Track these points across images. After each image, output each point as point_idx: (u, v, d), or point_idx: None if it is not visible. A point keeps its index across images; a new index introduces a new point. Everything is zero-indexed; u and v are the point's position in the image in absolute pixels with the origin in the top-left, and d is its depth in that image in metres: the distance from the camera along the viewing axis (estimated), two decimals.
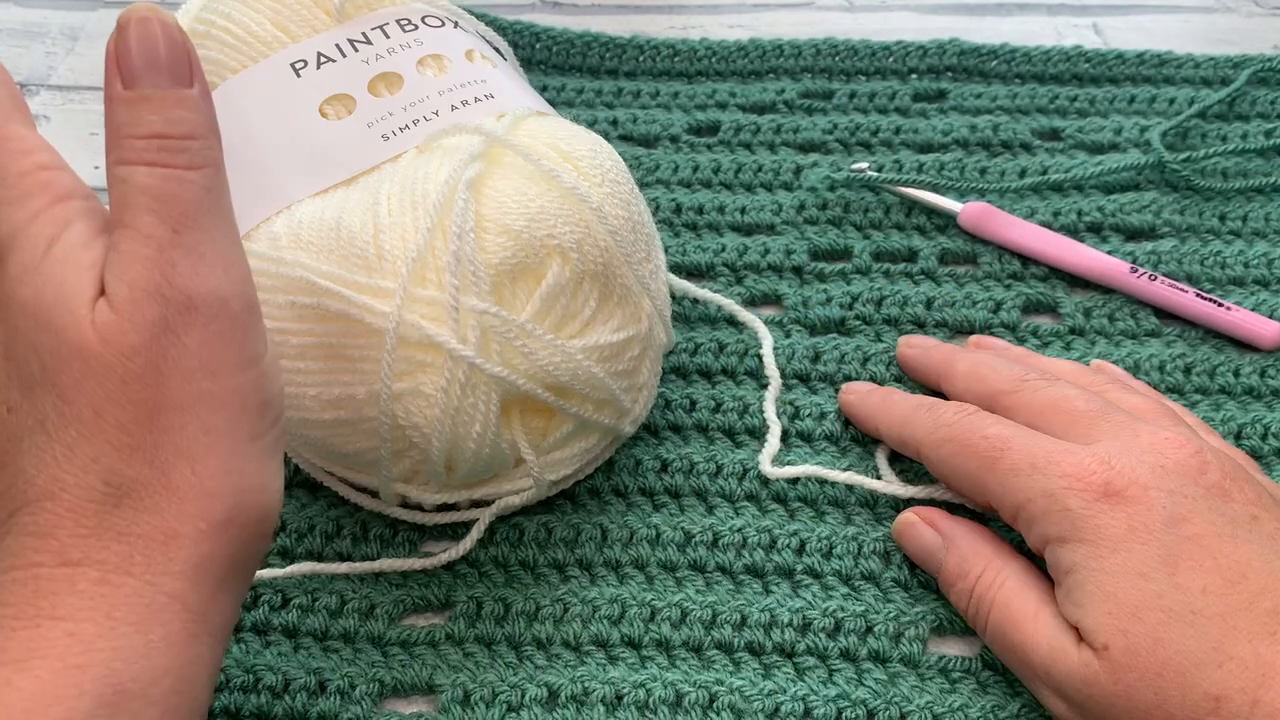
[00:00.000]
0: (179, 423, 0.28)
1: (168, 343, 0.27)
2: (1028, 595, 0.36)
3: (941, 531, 0.39)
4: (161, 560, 0.27)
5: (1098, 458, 0.35)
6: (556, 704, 0.37)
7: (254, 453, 0.29)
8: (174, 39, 0.29)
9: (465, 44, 0.42)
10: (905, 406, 0.41)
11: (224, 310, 0.28)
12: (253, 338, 0.29)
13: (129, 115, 0.28)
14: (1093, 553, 0.34)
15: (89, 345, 0.27)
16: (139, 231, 0.28)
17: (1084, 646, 0.33)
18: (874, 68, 0.58)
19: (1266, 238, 0.50)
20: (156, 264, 0.27)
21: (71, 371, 0.27)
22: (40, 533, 0.27)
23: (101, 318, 0.27)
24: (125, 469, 0.27)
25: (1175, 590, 0.33)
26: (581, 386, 0.37)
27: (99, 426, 0.27)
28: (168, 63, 0.28)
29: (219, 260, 0.29)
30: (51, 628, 0.26)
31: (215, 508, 0.28)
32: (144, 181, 0.28)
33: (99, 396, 0.27)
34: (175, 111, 0.28)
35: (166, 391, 0.27)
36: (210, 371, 0.28)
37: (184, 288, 0.28)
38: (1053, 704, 0.35)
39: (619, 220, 0.38)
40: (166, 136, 0.28)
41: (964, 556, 0.38)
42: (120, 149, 0.28)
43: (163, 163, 0.28)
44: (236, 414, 0.29)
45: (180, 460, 0.28)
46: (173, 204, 0.28)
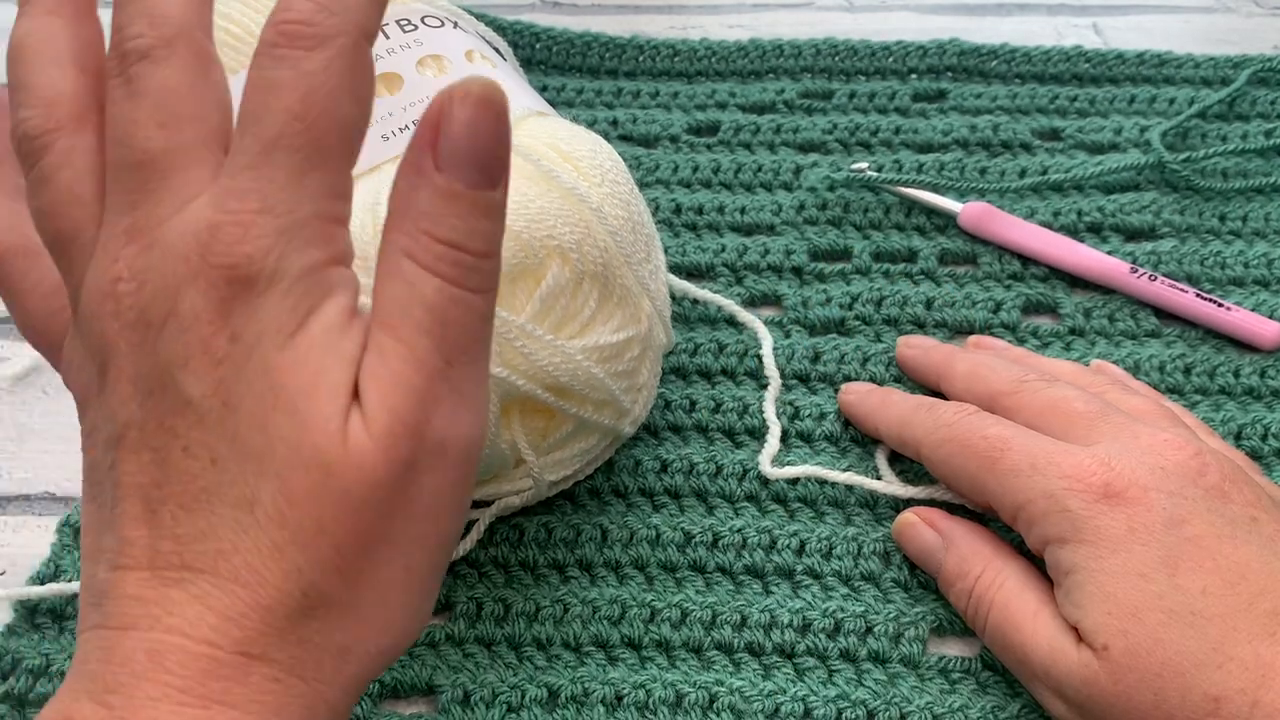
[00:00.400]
0: (388, 557, 0.26)
1: (409, 483, 0.26)
2: (1027, 596, 0.36)
3: (941, 531, 0.39)
4: (332, 672, 0.26)
5: (1097, 459, 0.35)
6: (556, 704, 0.37)
7: (431, 590, 0.28)
8: (502, 134, 0.26)
9: (465, 44, 0.42)
10: (905, 407, 0.41)
11: (467, 458, 0.27)
12: (470, 481, 0.28)
13: (432, 206, 0.26)
14: (1092, 553, 0.34)
15: (336, 463, 0.25)
16: (413, 354, 0.26)
17: (1084, 647, 0.33)
18: (874, 68, 0.58)
19: (1266, 238, 0.50)
20: (424, 399, 0.26)
21: (307, 479, 0.25)
22: (226, 615, 0.25)
23: (355, 438, 0.25)
24: (325, 586, 0.26)
25: (1175, 591, 0.33)
26: (581, 387, 0.37)
27: (318, 543, 0.25)
28: (489, 156, 0.26)
29: (476, 402, 0.27)
30: (220, 713, 0.25)
31: (388, 635, 0.27)
32: (433, 298, 0.26)
33: (327, 515, 0.25)
34: (480, 223, 0.26)
35: (390, 528, 0.26)
36: (434, 516, 0.27)
37: (441, 431, 0.26)
38: (1052, 704, 0.35)
39: (619, 220, 0.38)
40: (464, 250, 0.26)
41: (963, 556, 0.38)
42: (413, 242, 0.26)
43: (455, 280, 0.26)
44: (435, 554, 0.28)
45: (375, 590, 0.26)
46: (452, 331, 0.26)
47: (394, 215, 0.26)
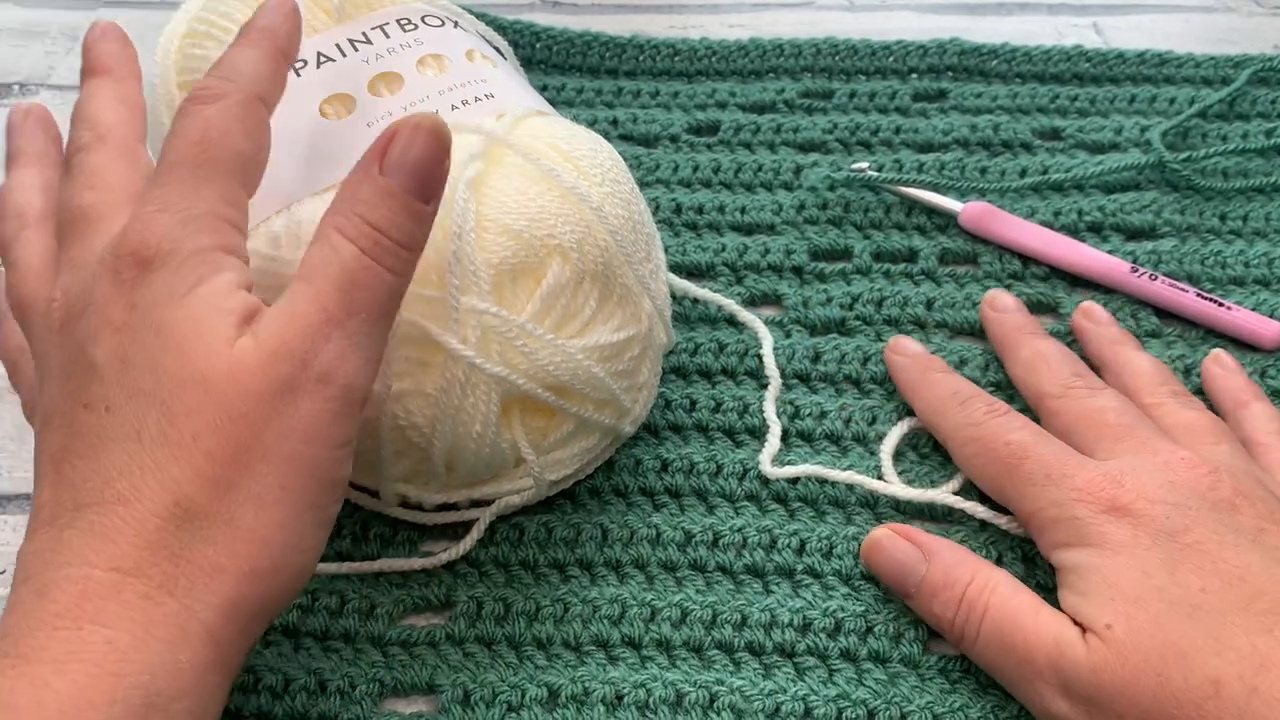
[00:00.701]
0: (261, 471, 0.29)
1: (284, 402, 0.29)
2: (1023, 596, 0.36)
3: (920, 544, 0.38)
4: (204, 590, 0.29)
5: (1109, 475, 0.36)
6: (557, 704, 0.37)
7: (310, 519, 0.31)
8: (441, 160, 0.31)
9: (465, 44, 0.42)
10: (941, 393, 0.42)
11: (345, 395, 0.30)
12: (352, 425, 0.31)
13: (370, 197, 0.31)
14: (1097, 553, 0.35)
15: (215, 375, 0.29)
16: (318, 299, 0.30)
17: (1090, 635, 0.34)
18: (874, 67, 0.58)
19: (1267, 237, 0.50)
20: (315, 334, 0.30)
21: (187, 397, 0.29)
22: (104, 535, 0.28)
23: (239, 354, 0.29)
24: (198, 496, 0.28)
25: (1175, 586, 0.34)
26: (582, 386, 0.37)
27: (191, 451, 0.28)
28: (425, 174, 0.31)
29: (366, 354, 0.31)
30: (92, 633, 0.27)
31: (263, 555, 0.29)
32: (349, 261, 0.30)
33: (203, 425, 0.29)
34: (406, 221, 0.31)
35: (262, 441, 0.29)
36: (309, 439, 0.30)
37: (326, 364, 0.30)
38: (1055, 704, 0.34)
39: (619, 220, 0.38)
40: (386, 234, 0.31)
41: (949, 566, 0.37)
42: (346, 218, 0.31)
43: (373, 254, 0.31)
44: (311, 482, 0.30)
45: (249, 504, 0.29)
46: (359, 294, 0.30)
47: (335, 202, 0.31)
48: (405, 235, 0.31)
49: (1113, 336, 0.45)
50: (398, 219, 0.31)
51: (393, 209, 0.31)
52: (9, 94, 0.60)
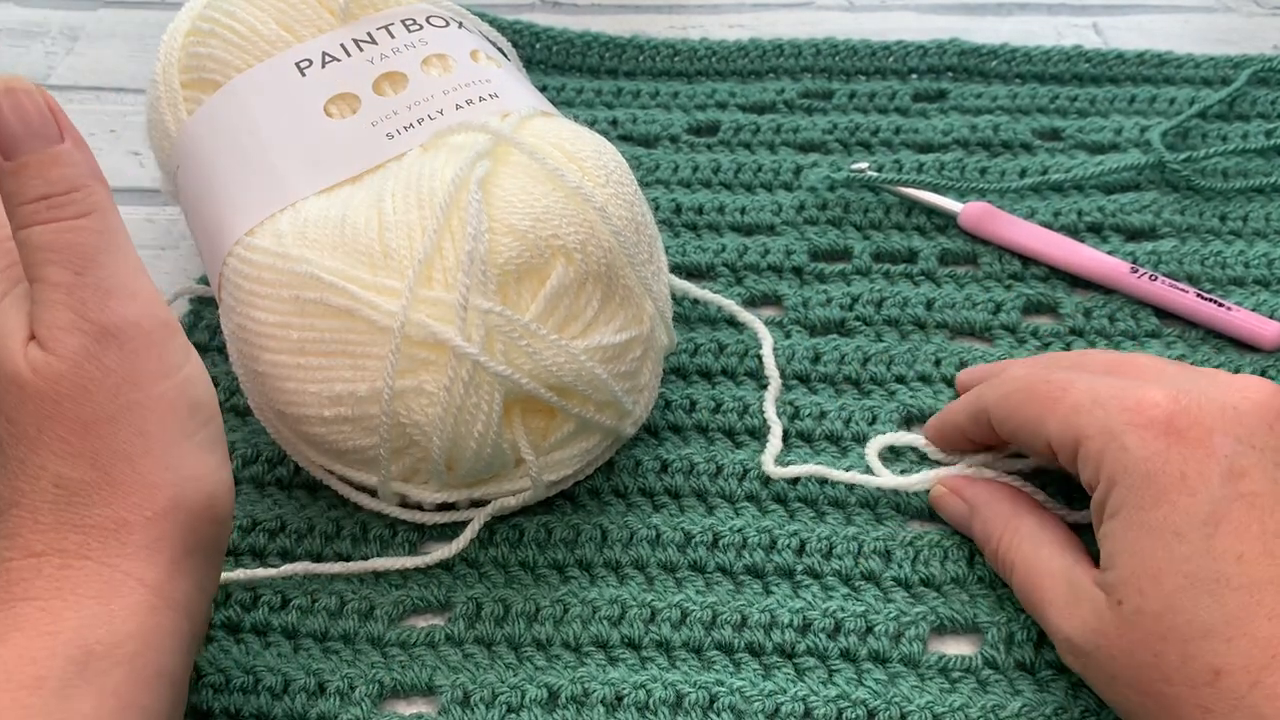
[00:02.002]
0: (111, 430, 0.31)
1: (90, 366, 0.31)
2: (1041, 553, 0.37)
3: (967, 499, 0.40)
4: (115, 544, 0.31)
5: (1166, 392, 0.33)
6: (556, 705, 0.37)
7: (189, 448, 0.33)
8: (38, 102, 0.32)
9: (470, 44, 0.42)
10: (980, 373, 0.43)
11: (136, 331, 0.32)
12: (170, 350, 0.33)
13: (16, 184, 0.32)
14: (1137, 502, 0.33)
15: (22, 375, 0.31)
16: (47, 282, 0.31)
17: (1099, 595, 0.34)
18: (874, 68, 0.58)
19: (1267, 238, 0.50)
20: (67, 304, 0.31)
21: (11, 399, 0.31)
22: (8, 534, 0.31)
23: (32, 354, 0.31)
24: (70, 472, 0.31)
25: (1206, 555, 0.31)
26: (584, 387, 0.37)
27: (42, 440, 0.31)
28: (38, 126, 0.32)
29: (123, 290, 0.32)
30: (24, 606, 0.30)
31: (157, 497, 0.32)
32: (41, 239, 0.32)
33: (38, 416, 0.31)
34: (54, 170, 0.32)
35: (96, 405, 0.31)
36: (133, 383, 0.32)
37: (95, 319, 0.31)
38: (1066, 657, 0.35)
39: (622, 221, 0.38)
40: (51, 195, 0.32)
41: (986, 521, 0.39)
42: (16, 216, 0.32)
43: (54, 218, 0.32)
44: (165, 416, 0.32)
45: (119, 460, 0.31)
46: (70, 251, 0.32)
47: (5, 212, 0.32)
48: (65, 182, 0.32)
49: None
50: (46, 176, 0.32)
51: (36, 173, 0.31)
52: None
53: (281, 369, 0.37)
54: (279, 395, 0.38)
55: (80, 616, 0.30)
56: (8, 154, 0.32)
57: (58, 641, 0.29)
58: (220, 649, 0.39)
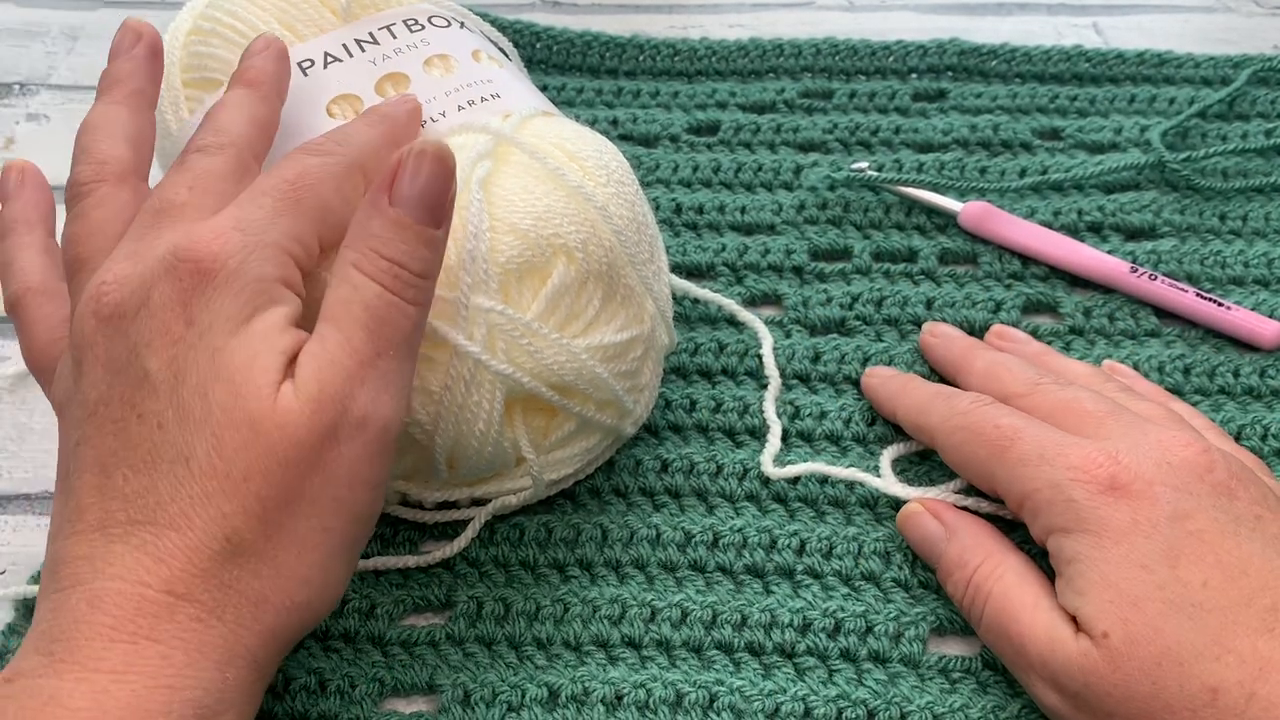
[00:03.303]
0: (307, 514, 0.30)
1: (329, 447, 0.30)
2: (1026, 587, 0.36)
3: (945, 523, 0.39)
4: (250, 619, 0.30)
5: (1105, 452, 0.35)
6: (557, 704, 0.37)
7: (346, 557, 0.32)
8: (445, 181, 0.32)
9: (471, 44, 0.42)
10: (924, 393, 0.42)
11: (383, 436, 0.31)
12: (387, 464, 0.32)
13: (383, 231, 0.31)
14: (1095, 543, 0.34)
15: (264, 419, 0.29)
16: (349, 342, 0.31)
17: (1082, 636, 0.33)
18: (874, 67, 0.58)
19: (1266, 237, 0.50)
20: (351, 377, 0.30)
21: (238, 433, 0.29)
22: (157, 557, 0.29)
23: (285, 402, 0.30)
24: (247, 533, 0.30)
25: (1176, 582, 0.33)
26: (585, 386, 0.37)
27: (242, 491, 0.29)
28: (433, 201, 0.32)
29: (397, 390, 0.32)
30: (147, 648, 0.28)
31: (302, 591, 0.31)
32: (372, 300, 0.31)
33: (253, 466, 0.29)
34: (421, 249, 0.32)
35: (309, 486, 0.30)
36: (350, 483, 0.31)
37: (363, 407, 0.31)
38: (1045, 696, 0.35)
39: (623, 220, 0.38)
40: (405, 268, 0.31)
41: (965, 547, 0.38)
42: (362, 256, 0.31)
43: (394, 290, 0.31)
44: (349, 524, 0.32)
45: (293, 545, 0.30)
46: (386, 330, 0.31)
47: (349, 239, 0.32)
48: (422, 265, 0.32)
49: (1038, 349, 0.45)
50: (413, 250, 0.31)
51: (407, 241, 0.31)
52: (9, 94, 0.60)
53: None
54: None
55: (199, 678, 0.29)
56: (393, 199, 0.31)
57: (175, 698, 0.28)
58: None
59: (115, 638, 0.28)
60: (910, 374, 0.45)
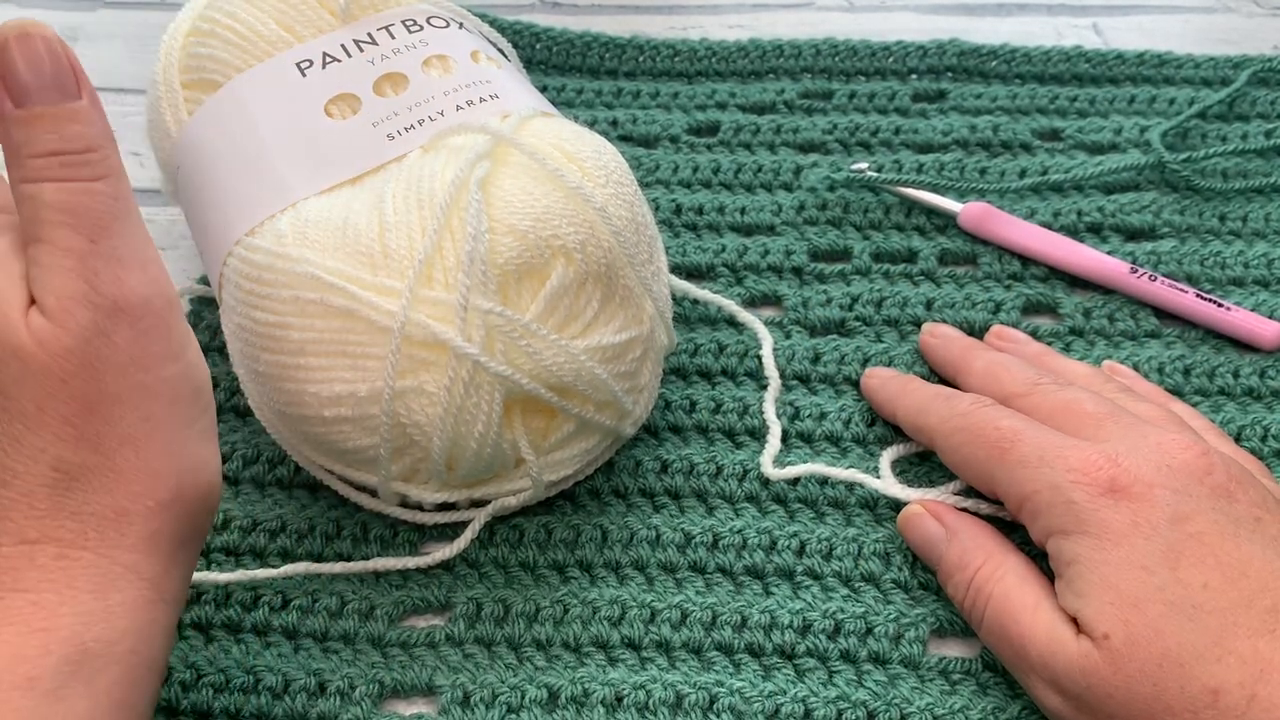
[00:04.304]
0: (119, 413, 0.30)
1: (100, 343, 0.29)
2: (1026, 589, 0.36)
3: (946, 524, 0.39)
4: (115, 535, 0.30)
5: (1105, 454, 0.35)
6: (556, 705, 0.37)
7: (191, 436, 0.31)
8: (56, 53, 0.30)
9: (470, 45, 0.42)
10: (924, 394, 0.42)
11: (147, 309, 0.30)
12: (177, 332, 0.31)
13: (25, 134, 0.30)
14: (1095, 545, 0.34)
15: (25, 347, 0.29)
16: (56, 245, 0.29)
17: (1083, 637, 0.34)
18: (874, 68, 0.58)
19: (1266, 238, 0.50)
20: (79, 273, 0.29)
21: (10, 371, 0.29)
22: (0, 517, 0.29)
23: (35, 323, 0.29)
24: (72, 456, 0.29)
25: (1176, 584, 0.33)
26: (584, 387, 0.37)
27: (42, 420, 0.29)
28: (54, 78, 0.30)
29: (136, 263, 0.30)
30: (15, 599, 0.28)
31: (160, 487, 0.30)
32: (53, 198, 0.29)
33: (39, 393, 0.29)
34: (70, 127, 0.30)
35: (103, 385, 0.29)
36: (141, 365, 0.30)
37: (108, 293, 0.29)
38: (1046, 698, 0.35)
39: (622, 221, 0.38)
40: (65, 152, 0.30)
41: (966, 549, 0.38)
42: (23, 168, 0.30)
43: (67, 177, 0.30)
44: (171, 402, 0.31)
45: (124, 446, 0.30)
46: (84, 216, 0.30)
47: (6, 163, 0.30)
48: (81, 140, 0.30)
49: (1038, 350, 0.45)
50: (62, 132, 0.30)
51: (49, 127, 0.30)
52: None
53: (282, 369, 0.37)
54: (279, 395, 0.38)
55: (76, 612, 0.29)
56: (17, 100, 0.29)
57: (52, 639, 0.28)
58: (220, 649, 0.39)
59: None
60: (910, 375, 0.45)
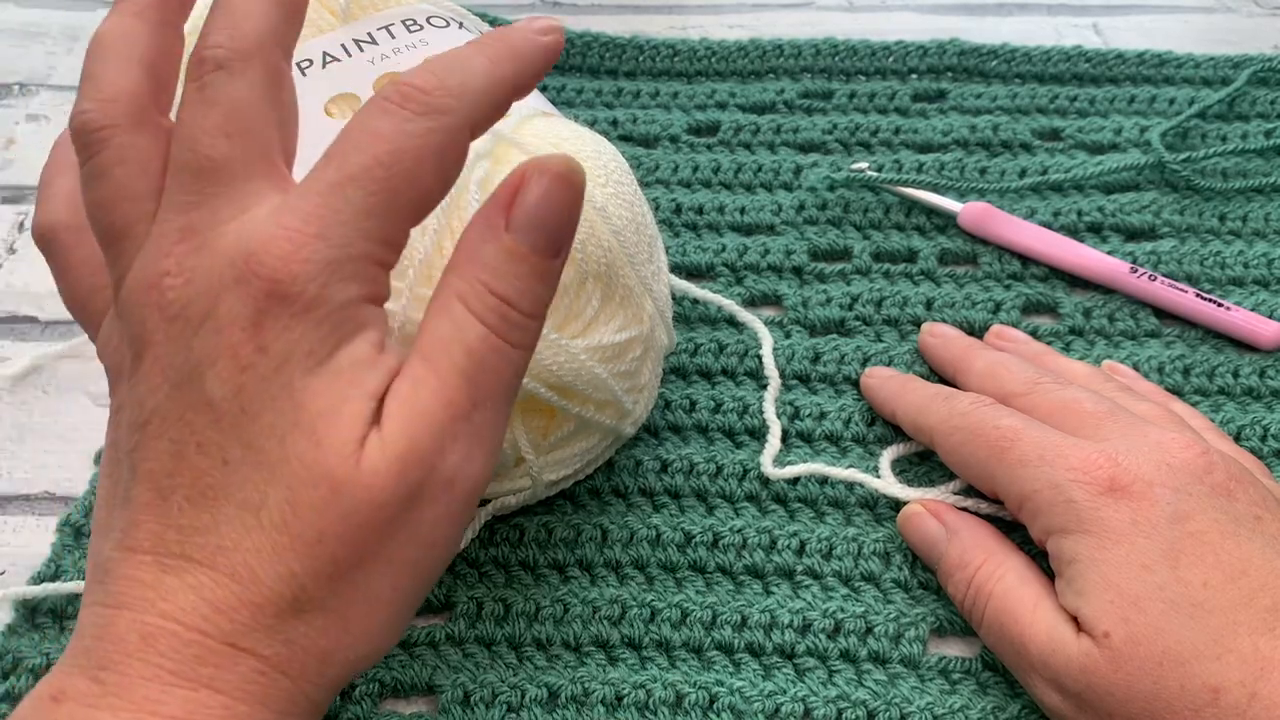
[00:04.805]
0: (380, 574, 0.27)
1: (413, 509, 0.27)
2: (1027, 588, 0.36)
3: (946, 524, 0.39)
4: (315, 673, 0.27)
5: (1104, 453, 0.35)
6: (556, 704, 0.37)
7: (410, 612, 0.29)
8: (573, 208, 0.28)
9: None
10: (923, 394, 0.42)
11: (469, 497, 0.28)
12: (464, 521, 0.29)
13: (496, 260, 0.27)
14: (1096, 544, 0.34)
15: (347, 480, 0.26)
16: (444, 390, 0.27)
17: (1083, 636, 0.34)
18: (874, 68, 0.58)
19: (1266, 238, 0.50)
20: (443, 434, 0.27)
21: (316, 491, 0.26)
22: (217, 607, 0.26)
23: (370, 460, 0.26)
24: (317, 593, 0.27)
25: (1177, 583, 0.33)
26: (584, 386, 0.37)
27: (315, 552, 0.26)
28: (558, 229, 0.28)
29: (490, 449, 0.28)
30: (210, 698, 0.26)
31: (368, 645, 0.28)
32: (475, 343, 0.27)
33: (329, 528, 0.26)
34: (535, 285, 0.28)
35: (386, 548, 0.27)
36: (428, 545, 0.28)
37: (453, 467, 0.27)
38: (1047, 696, 0.35)
39: (622, 221, 0.38)
40: (515, 307, 0.28)
41: (966, 548, 0.38)
42: (469, 288, 0.27)
43: (499, 332, 0.28)
44: (422, 583, 0.29)
45: (363, 603, 0.28)
46: (486, 378, 0.27)
47: (457, 263, 0.28)
48: (534, 304, 0.28)
49: (1038, 349, 0.45)
50: (527, 285, 0.28)
51: (522, 274, 0.27)
52: (9, 94, 0.60)
53: None
54: None
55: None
56: (511, 226, 0.27)
57: None
58: None
59: (175, 683, 0.26)
60: (909, 374, 0.45)
